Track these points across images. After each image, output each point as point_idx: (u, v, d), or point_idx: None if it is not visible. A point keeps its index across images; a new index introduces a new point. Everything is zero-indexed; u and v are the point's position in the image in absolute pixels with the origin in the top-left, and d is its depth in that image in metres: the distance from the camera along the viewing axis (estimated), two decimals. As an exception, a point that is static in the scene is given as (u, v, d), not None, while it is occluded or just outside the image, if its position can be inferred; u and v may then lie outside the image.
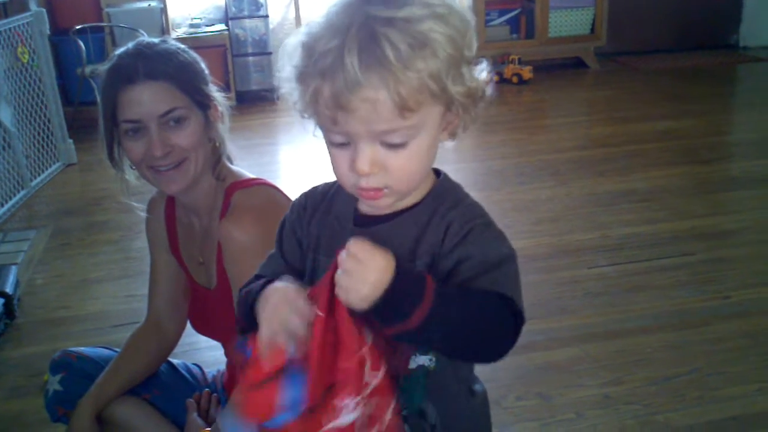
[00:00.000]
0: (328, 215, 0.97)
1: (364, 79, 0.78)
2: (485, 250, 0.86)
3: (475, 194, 0.94)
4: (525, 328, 0.86)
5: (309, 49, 0.82)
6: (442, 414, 0.92)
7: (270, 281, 0.90)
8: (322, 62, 0.80)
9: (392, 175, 0.85)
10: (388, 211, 0.91)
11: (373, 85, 0.78)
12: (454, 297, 0.82)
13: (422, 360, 0.89)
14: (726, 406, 1.93)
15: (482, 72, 0.88)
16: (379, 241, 0.85)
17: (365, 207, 0.93)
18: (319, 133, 0.89)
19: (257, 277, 0.98)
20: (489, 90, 0.89)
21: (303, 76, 0.83)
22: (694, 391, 1.99)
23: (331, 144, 0.86)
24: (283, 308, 0.84)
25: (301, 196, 1.02)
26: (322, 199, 0.99)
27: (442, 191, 0.92)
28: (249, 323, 0.90)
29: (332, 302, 0.82)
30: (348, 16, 0.80)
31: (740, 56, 6.27)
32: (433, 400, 0.92)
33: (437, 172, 0.95)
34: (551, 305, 2.44)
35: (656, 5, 6.33)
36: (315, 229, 0.97)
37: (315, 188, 1.02)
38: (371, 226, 0.91)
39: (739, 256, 2.79)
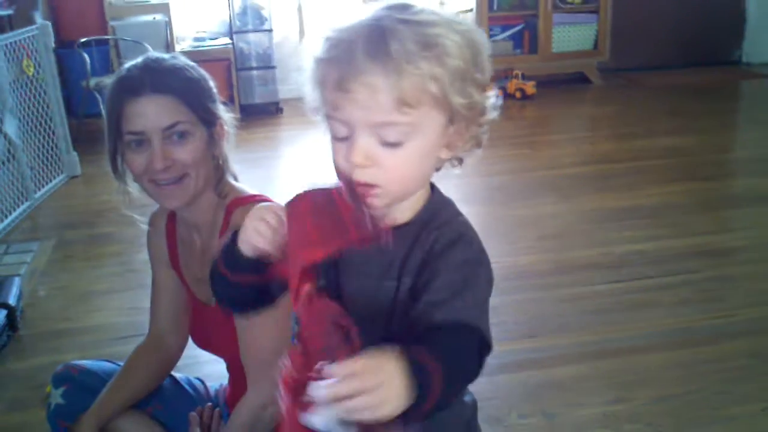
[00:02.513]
0: None
1: (367, 67, 0.81)
2: (457, 271, 0.88)
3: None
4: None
5: (327, 40, 0.86)
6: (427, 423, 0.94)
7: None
8: (334, 51, 0.85)
9: (385, 173, 0.86)
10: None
11: (375, 72, 0.81)
12: (453, 369, 0.82)
13: None
14: (731, 426, 1.92)
15: (491, 98, 0.91)
16: (371, 259, 0.89)
17: None
18: (324, 137, 0.92)
19: None
20: (493, 114, 0.92)
21: (317, 63, 0.87)
22: (698, 411, 1.98)
23: (333, 138, 0.89)
24: (258, 210, 0.92)
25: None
26: None
27: (435, 208, 0.94)
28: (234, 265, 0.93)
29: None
30: (367, 16, 0.85)
31: (743, 72, 6.29)
32: None
33: (431, 187, 0.96)
34: (553, 322, 2.42)
35: (659, 21, 6.35)
36: None
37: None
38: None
39: (743, 274, 2.78)
